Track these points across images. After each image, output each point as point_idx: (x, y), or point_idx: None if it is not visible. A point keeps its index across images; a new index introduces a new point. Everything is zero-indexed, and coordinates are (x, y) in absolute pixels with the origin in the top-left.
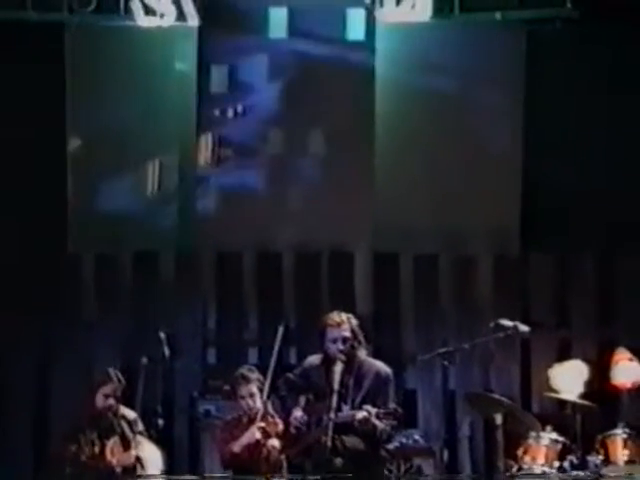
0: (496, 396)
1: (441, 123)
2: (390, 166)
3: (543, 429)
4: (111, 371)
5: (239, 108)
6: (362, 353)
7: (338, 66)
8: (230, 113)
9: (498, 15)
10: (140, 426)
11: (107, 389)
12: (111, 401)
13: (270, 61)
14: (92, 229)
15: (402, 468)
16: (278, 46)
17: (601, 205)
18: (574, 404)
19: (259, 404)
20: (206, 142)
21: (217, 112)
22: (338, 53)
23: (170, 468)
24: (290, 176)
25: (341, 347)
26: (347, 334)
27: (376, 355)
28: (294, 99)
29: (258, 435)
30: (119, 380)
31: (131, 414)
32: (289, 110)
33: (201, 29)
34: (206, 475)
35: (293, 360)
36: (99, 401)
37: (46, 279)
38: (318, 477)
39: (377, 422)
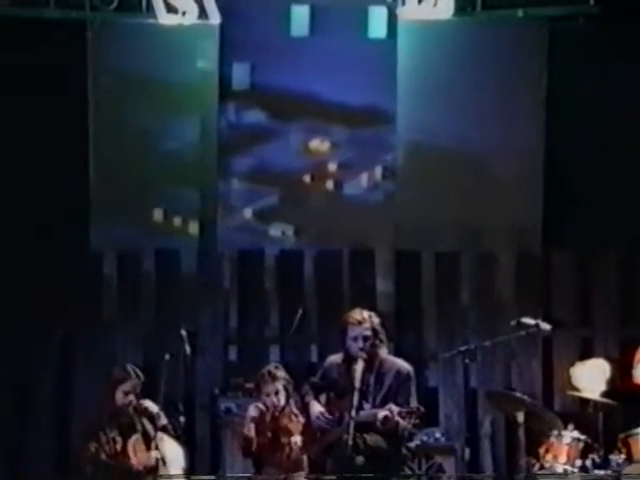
0: (518, 394)
1: (462, 120)
2: (412, 163)
3: (565, 428)
4: (129, 367)
5: None
6: (383, 351)
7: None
8: None
9: (520, 12)
10: (163, 420)
11: (126, 386)
12: (131, 397)
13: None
14: (114, 227)
15: (423, 466)
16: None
17: (623, 203)
18: (596, 403)
19: (283, 402)
20: None
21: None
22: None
23: (191, 466)
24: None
25: (362, 345)
26: (368, 332)
27: (397, 353)
28: None
29: (253, 412)
30: (137, 376)
31: (154, 408)
32: None
33: (223, 27)
34: (227, 475)
35: (314, 358)
36: (119, 398)
37: (68, 277)
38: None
39: (400, 420)
